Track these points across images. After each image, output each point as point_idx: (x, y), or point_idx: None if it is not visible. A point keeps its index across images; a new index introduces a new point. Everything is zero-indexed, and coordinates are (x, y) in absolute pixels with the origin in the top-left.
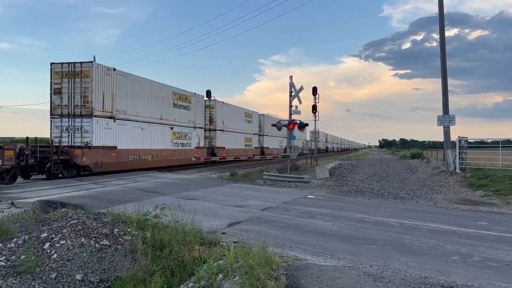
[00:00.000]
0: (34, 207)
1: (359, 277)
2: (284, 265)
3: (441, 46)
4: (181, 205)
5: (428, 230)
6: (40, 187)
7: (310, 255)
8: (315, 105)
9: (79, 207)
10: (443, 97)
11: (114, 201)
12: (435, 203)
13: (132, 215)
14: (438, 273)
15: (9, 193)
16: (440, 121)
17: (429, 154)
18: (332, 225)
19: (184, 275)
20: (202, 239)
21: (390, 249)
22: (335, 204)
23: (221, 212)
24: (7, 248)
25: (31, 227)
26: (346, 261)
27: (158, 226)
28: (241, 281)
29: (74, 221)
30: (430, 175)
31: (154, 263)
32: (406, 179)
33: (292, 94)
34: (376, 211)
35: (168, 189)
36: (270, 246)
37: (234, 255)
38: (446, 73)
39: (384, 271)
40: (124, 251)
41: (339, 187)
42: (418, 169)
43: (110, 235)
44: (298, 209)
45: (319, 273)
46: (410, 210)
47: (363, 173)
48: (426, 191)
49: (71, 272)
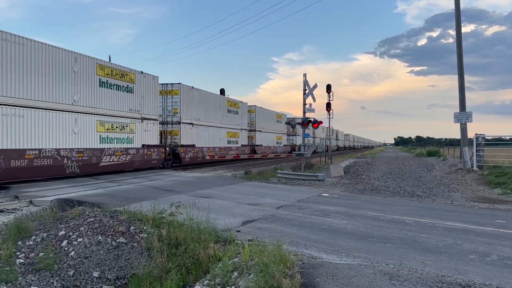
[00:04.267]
0: (52, 205)
1: (375, 275)
2: (299, 263)
3: (457, 42)
4: (195, 203)
5: (444, 229)
6: (58, 185)
7: (325, 253)
8: (329, 102)
9: (96, 205)
10: (459, 93)
11: (130, 199)
12: (451, 201)
13: (147, 213)
14: (456, 272)
15: (28, 191)
16: (457, 118)
17: (445, 152)
18: (347, 223)
19: (199, 272)
20: (217, 237)
21: (406, 248)
22: (350, 202)
23: (235, 210)
24: (26, 246)
25: (49, 225)
26: (361, 260)
27: (174, 224)
28: (256, 279)
29: (91, 219)
30: (446, 173)
31: (170, 261)
32: (422, 177)
33: (306, 92)
34: (391, 209)
35: (183, 187)
36: (285, 244)
37: (248, 253)
38: (462, 69)
39: (400, 269)
40: (140, 248)
41: (354, 185)
42: (434, 167)
43: (126, 233)
44: (313, 207)
45: (334, 271)
46: (427, 208)
47: (378, 171)
48: (442, 189)
49: (88, 270)
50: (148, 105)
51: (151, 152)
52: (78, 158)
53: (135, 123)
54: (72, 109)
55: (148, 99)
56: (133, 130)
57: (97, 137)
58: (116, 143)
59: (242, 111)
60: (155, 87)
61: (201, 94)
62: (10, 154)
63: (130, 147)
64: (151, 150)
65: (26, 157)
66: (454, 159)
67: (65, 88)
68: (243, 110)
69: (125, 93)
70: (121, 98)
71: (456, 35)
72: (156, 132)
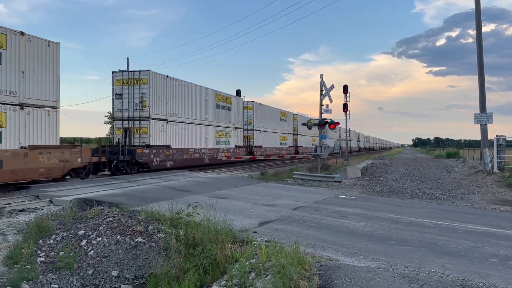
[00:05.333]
0: (71, 205)
1: (393, 278)
2: (317, 265)
3: (477, 42)
4: (212, 204)
5: (465, 231)
6: (77, 185)
7: (343, 255)
8: (346, 103)
9: (115, 205)
10: (480, 94)
11: (148, 199)
12: (472, 204)
13: (165, 213)
14: (477, 276)
15: (48, 191)
16: (477, 119)
17: (465, 153)
18: (365, 225)
19: (216, 273)
20: (234, 237)
21: (425, 251)
22: (367, 204)
23: (252, 211)
24: (46, 245)
25: (68, 225)
26: (380, 262)
27: (191, 224)
28: (274, 280)
29: (110, 219)
30: (466, 174)
31: (187, 261)
32: (441, 179)
33: (322, 93)
34: (410, 212)
35: (199, 188)
36: (302, 246)
37: (266, 254)
38: (483, 69)
39: (420, 272)
40: (158, 248)
41: (372, 186)
42: (454, 168)
43: (144, 233)
44: (330, 209)
45: (353, 274)
46: (446, 211)
47: (396, 173)
48: (462, 191)
49: (107, 269)
50: (238, 118)
51: (240, 150)
52: (209, 154)
53: (231, 131)
54: (205, 123)
55: (238, 114)
56: (231, 136)
57: (215, 141)
58: (223, 144)
59: (236, 107)
60: (241, 105)
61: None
62: (183, 151)
63: (230, 147)
64: (240, 149)
65: (189, 152)
66: (474, 161)
67: (201, 110)
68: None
69: (227, 111)
70: (225, 115)
71: (476, 35)
72: (241, 136)
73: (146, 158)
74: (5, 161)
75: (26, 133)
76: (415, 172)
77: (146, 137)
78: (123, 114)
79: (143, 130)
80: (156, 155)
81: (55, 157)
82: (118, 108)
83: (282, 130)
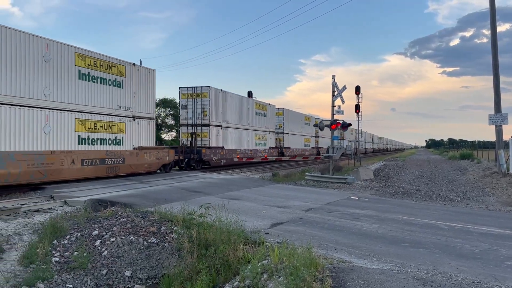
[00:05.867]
0: (85, 206)
1: (407, 281)
2: (329, 267)
3: (492, 42)
4: (224, 205)
5: (479, 234)
6: (91, 186)
7: (355, 257)
8: (358, 104)
9: (128, 205)
10: (495, 94)
11: (161, 200)
12: (486, 206)
13: (178, 214)
14: (492, 279)
15: (62, 192)
16: (492, 120)
17: (479, 155)
18: (378, 227)
19: (229, 274)
20: (246, 239)
21: (439, 253)
22: (380, 206)
23: (264, 213)
24: (61, 245)
25: (83, 225)
26: (393, 265)
27: (203, 225)
28: (286, 282)
29: (123, 219)
30: (481, 176)
31: (200, 262)
32: (455, 181)
33: (334, 94)
34: (424, 214)
35: (211, 189)
36: (315, 248)
37: (278, 256)
38: (498, 69)
39: (434, 275)
40: (171, 249)
41: (384, 188)
42: (468, 170)
43: (157, 233)
44: (342, 210)
45: (366, 276)
46: (460, 213)
47: (409, 174)
48: (477, 193)
49: (120, 269)
50: (272, 123)
51: (273, 151)
52: (250, 154)
53: (266, 134)
54: (247, 128)
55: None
56: (266, 138)
57: (254, 142)
58: (260, 146)
59: (270, 114)
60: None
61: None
62: (232, 151)
63: (266, 148)
64: (273, 150)
65: (236, 152)
66: (489, 162)
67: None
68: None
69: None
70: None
71: (491, 35)
72: (274, 139)
73: (208, 157)
74: (126, 158)
75: (136, 138)
76: (429, 174)
77: (207, 140)
78: (188, 122)
79: (204, 134)
80: (215, 154)
81: (153, 155)
82: (184, 116)
83: (306, 132)
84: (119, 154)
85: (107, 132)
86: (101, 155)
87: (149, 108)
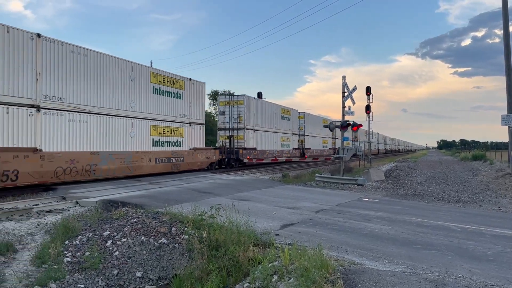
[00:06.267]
0: (97, 206)
1: (419, 283)
2: (340, 269)
3: (505, 42)
4: (234, 206)
5: (493, 236)
6: (102, 187)
7: (367, 259)
8: (369, 105)
9: (139, 206)
10: (507, 95)
11: (171, 201)
12: (499, 207)
13: (188, 214)
14: (506, 281)
15: (74, 192)
16: (505, 121)
17: (492, 156)
18: (389, 229)
19: (239, 275)
20: (256, 240)
21: (452, 255)
22: (391, 207)
23: (274, 214)
24: (72, 245)
25: (94, 225)
26: (405, 267)
27: (214, 226)
28: (297, 283)
29: (134, 220)
30: (493, 177)
31: (210, 262)
32: (467, 182)
33: (345, 95)
34: (436, 215)
35: (221, 190)
36: (325, 249)
37: (288, 257)
38: (511, 70)
39: (446, 277)
40: (181, 249)
41: (396, 190)
42: (480, 171)
43: (168, 234)
44: (353, 212)
45: (377, 278)
46: (473, 215)
47: (421, 176)
48: (489, 194)
49: (131, 269)
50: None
51: (296, 152)
52: (276, 154)
53: (290, 136)
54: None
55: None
56: (290, 140)
57: (280, 144)
58: (285, 147)
59: (293, 117)
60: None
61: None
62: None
63: (289, 149)
64: (296, 151)
65: (266, 153)
66: (502, 163)
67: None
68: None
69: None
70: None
71: (504, 35)
72: (296, 140)
73: (243, 157)
74: (185, 157)
75: (191, 140)
76: (441, 175)
77: (242, 142)
78: (225, 126)
79: (239, 137)
80: (249, 154)
81: (204, 155)
82: (222, 121)
83: (323, 134)
84: (180, 153)
85: (172, 135)
86: (168, 155)
87: (200, 115)
